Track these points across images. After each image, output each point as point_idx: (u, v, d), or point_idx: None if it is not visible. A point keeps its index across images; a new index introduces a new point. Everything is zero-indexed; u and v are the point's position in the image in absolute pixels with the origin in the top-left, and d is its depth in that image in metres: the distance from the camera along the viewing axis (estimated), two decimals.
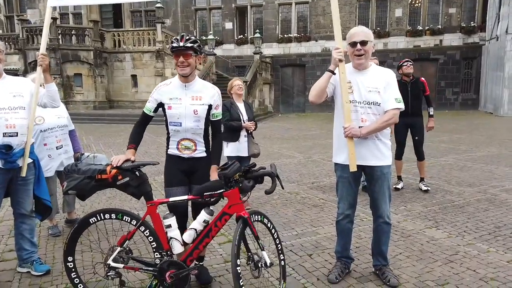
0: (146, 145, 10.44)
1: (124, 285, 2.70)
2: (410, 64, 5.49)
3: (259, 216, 2.68)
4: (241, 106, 4.85)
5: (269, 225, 2.75)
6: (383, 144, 2.93)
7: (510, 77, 16.75)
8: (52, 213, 4.18)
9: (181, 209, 2.89)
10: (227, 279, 3.13)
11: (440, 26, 20.60)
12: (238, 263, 2.42)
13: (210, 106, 2.87)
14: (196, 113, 2.81)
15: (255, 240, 2.62)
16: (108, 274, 2.65)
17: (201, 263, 3.07)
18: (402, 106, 2.88)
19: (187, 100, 2.81)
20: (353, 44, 2.82)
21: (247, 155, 4.82)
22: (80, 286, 2.78)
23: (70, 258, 2.77)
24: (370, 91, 2.83)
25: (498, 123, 14.79)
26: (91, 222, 2.71)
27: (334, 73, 2.82)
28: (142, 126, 2.96)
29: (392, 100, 2.84)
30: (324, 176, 6.84)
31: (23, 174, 3.12)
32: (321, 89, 2.86)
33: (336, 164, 3.08)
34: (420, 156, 5.70)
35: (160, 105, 2.87)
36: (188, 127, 2.82)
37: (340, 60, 2.77)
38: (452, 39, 20.47)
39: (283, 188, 2.88)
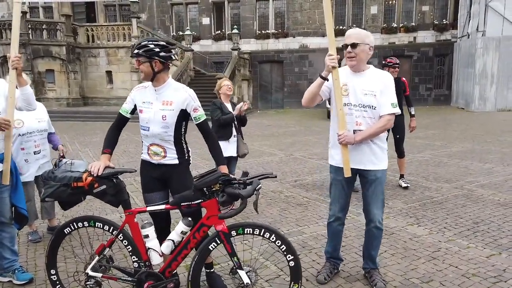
0: (125, 143, 10.25)
1: None
2: (398, 69, 5.59)
3: (247, 229, 2.44)
4: (228, 106, 4.83)
5: (256, 232, 2.44)
6: (378, 147, 2.90)
7: (480, 73, 17.33)
8: (31, 218, 4.07)
9: (162, 217, 2.85)
10: (228, 284, 3.10)
11: (414, 24, 21.09)
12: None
13: (182, 112, 2.72)
14: (164, 118, 2.68)
15: (230, 258, 2.44)
16: (87, 283, 2.60)
17: (211, 270, 3.04)
18: (398, 111, 2.85)
19: (157, 105, 2.71)
20: (345, 46, 2.81)
21: (236, 155, 4.81)
22: None
23: (53, 271, 2.75)
24: (366, 94, 2.80)
25: (469, 118, 15.31)
26: (66, 233, 2.68)
27: (327, 79, 2.81)
28: (118, 128, 2.84)
29: (388, 105, 2.81)
30: (306, 174, 6.90)
31: (6, 182, 2.97)
32: (313, 94, 2.87)
33: (330, 165, 3.08)
34: (400, 153, 5.83)
35: (135, 107, 2.80)
36: (155, 132, 2.72)
37: (333, 67, 2.75)
38: (426, 36, 21.00)
39: (257, 212, 2.69)
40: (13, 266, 3.20)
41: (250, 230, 2.45)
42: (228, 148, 4.78)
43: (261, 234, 2.44)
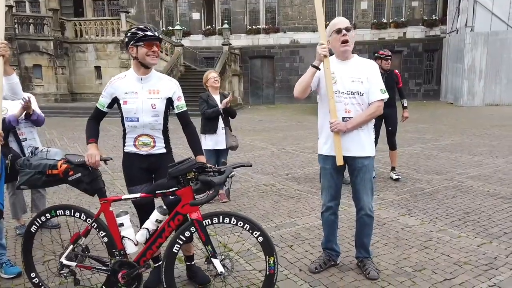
0: (114, 139, 10.11)
1: (79, 284, 2.64)
2: (390, 61, 5.61)
3: (205, 221, 2.42)
4: (217, 98, 4.81)
5: (222, 220, 2.43)
6: (365, 135, 2.92)
7: (469, 68, 17.51)
8: (19, 212, 4.02)
9: (145, 207, 2.80)
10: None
11: (403, 19, 21.20)
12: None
13: (169, 100, 2.74)
14: (154, 107, 2.68)
15: (204, 246, 2.45)
16: (61, 272, 2.58)
17: (191, 263, 3.01)
18: (386, 96, 2.90)
19: (144, 94, 2.67)
20: (338, 31, 2.81)
21: (225, 148, 4.79)
22: None
23: (33, 275, 2.74)
24: (353, 81, 2.84)
25: (458, 113, 15.46)
26: (33, 231, 2.68)
27: (319, 69, 2.82)
28: (97, 121, 2.80)
29: (377, 91, 2.86)
30: (298, 167, 6.89)
31: None
32: (306, 84, 2.87)
33: (319, 155, 3.09)
34: (392, 146, 5.86)
35: (115, 100, 2.72)
36: (146, 122, 2.69)
37: (325, 56, 2.76)
38: (415, 32, 21.14)
39: (229, 200, 2.64)
40: (0, 260, 3.14)
41: (208, 221, 2.43)
42: (217, 141, 4.79)
43: (221, 221, 2.42)
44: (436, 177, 5.93)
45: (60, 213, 2.63)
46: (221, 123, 4.81)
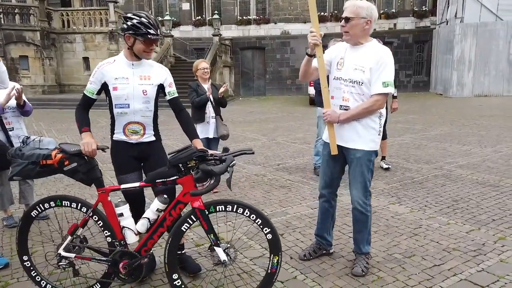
0: (104, 131, 9.97)
1: (79, 275, 2.60)
2: None
3: (219, 207, 2.40)
4: (207, 88, 4.76)
5: (236, 209, 2.40)
6: (363, 127, 2.74)
7: (459, 60, 17.63)
8: (6, 203, 3.94)
9: (136, 196, 2.77)
10: (200, 263, 3.08)
11: (394, 10, 21.23)
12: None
13: (160, 86, 2.71)
14: (145, 93, 2.63)
15: (206, 235, 2.41)
16: (60, 263, 2.54)
17: (182, 252, 2.97)
18: (389, 90, 2.65)
19: (135, 80, 2.61)
20: (341, 19, 2.73)
21: (216, 137, 4.77)
22: (43, 283, 2.66)
23: (25, 258, 2.68)
24: (355, 69, 2.68)
25: (448, 103, 15.59)
26: (33, 216, 2.61)
27: (313, 56, 2.73)
28: (86, 109, 2.69)
29: (378, 84, 2.63)
30: (289, 157, 6.89)
31: None
32: (303, 70, 2.85)
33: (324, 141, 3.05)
34: (383, 135, 5.86)
35: (104, 86, 2.63)
36: (137, 108, 2.64)
37: (315, 45, 2.65)
38: (405, 23, 21.20)
39: (230, 189, 2.64)
40: None
41: (222, 207, 2.40)
42: (208, 130, 4.77)
43: (235, 210, 2.39)
44: (425, 166, 5.98)
45: (66, 204, 2.54)
46: (211, 112, 4.78)
